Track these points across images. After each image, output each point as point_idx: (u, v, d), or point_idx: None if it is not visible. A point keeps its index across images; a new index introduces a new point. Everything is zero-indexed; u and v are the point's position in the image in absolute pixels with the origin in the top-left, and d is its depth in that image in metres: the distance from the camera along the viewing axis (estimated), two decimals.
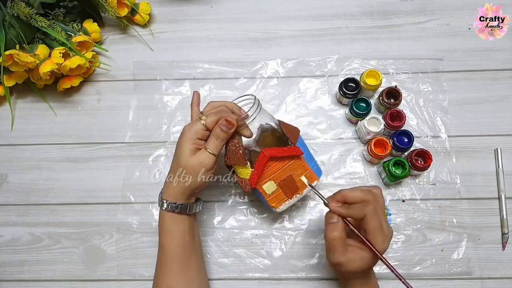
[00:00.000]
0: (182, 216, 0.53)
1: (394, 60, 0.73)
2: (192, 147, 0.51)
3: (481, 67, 0.72)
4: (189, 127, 0.52)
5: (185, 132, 0.51)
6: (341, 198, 0.49)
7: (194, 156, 0.50)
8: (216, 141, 0.51)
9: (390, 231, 0.48)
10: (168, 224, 0.52)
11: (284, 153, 0.53)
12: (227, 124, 0.50)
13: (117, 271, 0.64)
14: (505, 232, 0.63)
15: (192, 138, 0.51)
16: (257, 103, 0.54)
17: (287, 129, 0.57)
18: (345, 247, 0.48)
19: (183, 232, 0.53)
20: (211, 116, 0.51)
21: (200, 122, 0.51)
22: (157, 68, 0.75)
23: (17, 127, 0.73)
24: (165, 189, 0.53)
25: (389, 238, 0.48)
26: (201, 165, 0.50)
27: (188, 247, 0.53)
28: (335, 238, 0.47)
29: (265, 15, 0.78)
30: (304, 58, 0.74)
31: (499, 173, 0.65)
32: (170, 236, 0.52)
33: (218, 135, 0.51)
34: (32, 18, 0.66)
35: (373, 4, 0.78)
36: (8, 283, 0.65)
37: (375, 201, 0.48)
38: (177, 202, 0.52)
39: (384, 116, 0.65)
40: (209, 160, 0.51)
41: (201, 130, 0.51)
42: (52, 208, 0.68)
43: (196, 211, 0.55)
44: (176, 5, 0.80)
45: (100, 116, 0.73)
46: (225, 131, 0.51)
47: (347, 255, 0.47)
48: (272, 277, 0.63)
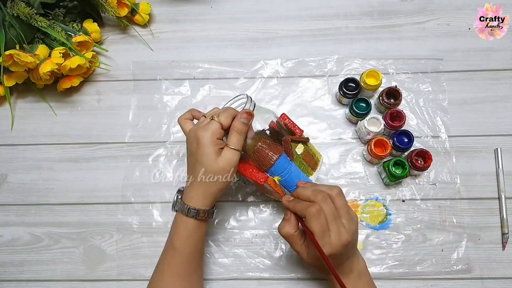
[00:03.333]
0: (204, 223, 0.53)
1: (394, 60, 0.73)
2: (215, 149, 0.49)
3: (481, 67, 0.72)
4: (204, 129, 0.49)
5: (202, 135, 0.49)
6: (295, 194, 0.51)
7: (221, 157, 0.49)
8: (239, 135, 0.50)
9: (341, 239, 0.46)
10: (189, 231, 0.51)
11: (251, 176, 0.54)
12: (247, 115, 0.50)
13: (117, 271, 0.64)
14: (505, 232, 0.63)
15: (213, 141, 0.49)
16: (250, 101, 0.53)
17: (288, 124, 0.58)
18: (297, 241, 0.49)
19: (201, 237, 0.53)
20: (222, 114, 0.50)
21: (215, 122, 0.49)
22: (157, 68, 0.75)
23: (17, 127, 0.73)
24: (188, 196, 0.52)
25: (336, 244, 0.46)
26: (230, 164, 0.49)
27: (200, 252, 0.54)
28: (283, 234, 0.50)
29: (265, 15, 0.78)
30: (304, 58, 0.74)
31: (499, 173, 0.65)
32: (187, 241, 0.52)
33: (240, 130, 0.50)
34: (32, 18, 0.66)
35: (373, 4, 0.78)
36: (8, 283, 0.65)
37: (323, 202, 0.47)
38: (204, 208, 0.51)
39: (384, 116, 0.65)
40: (237, 157, 0.50)
41: (218, 130, 0.49)
42: (52, 208, 0.68)
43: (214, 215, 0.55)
44: (176, 5, 0.80)
45: (100, 116, 0.73)
46: (246, 123, 0.50)
47: (302, 248, 0.49)
48: (272, 277, 0.63)
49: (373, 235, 0.64)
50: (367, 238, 0.64)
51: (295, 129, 0.58)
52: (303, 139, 0.57)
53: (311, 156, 0.57)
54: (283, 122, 0.58)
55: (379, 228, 0.64)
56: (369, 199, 0.66)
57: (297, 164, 0.55)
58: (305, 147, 0.57)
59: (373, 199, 0.66)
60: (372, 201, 0.65)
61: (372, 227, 0.64)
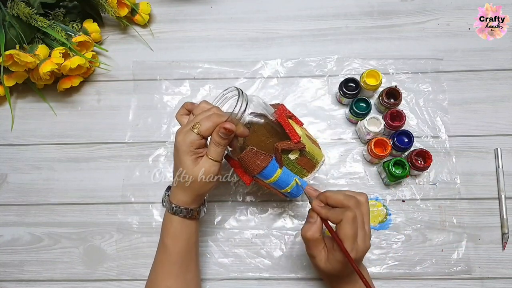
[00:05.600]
0: (191, 221, 0.52)
1: (394, 60, 0.73)
2: (192, 159, 0.49)
3: (481, 67, 0.72)
4: (182, 138, 0.48)
5: (181, 145, 0.48)
6: (324, 199, 0.49)
7: (198, 166, 0.49)
8: (217, 148, 0.49)
9: (366, 245, 0.47)
10: (175, 228, 0.52)
11: None
12: (225, 132, 0.48)
13: (117, 271, 0.64)
14: (505, 232, 0.63)
15: (190, 150, 0.48)
16: (242, 95, 0.50)
17: None
18: (318, 246, 0.48)
19: (190, 235, 0.53)
20: (204, 122, 0.48)
21: (193, 133, 0.48)
22: (157, 68, 0.75)
23: (17, 127, 0.73)
24: (174, 194, 0.52)
25: (361, 250, 0.47)
26: (207, 173, 0.49)
27: (192, 249, 0.54)
28: (307, 237, 0.48)
29: (265, 15, 0.78)
30: (304, 58, 0.74)
31: (499, 173, 0.65)
32: (176, 238, 0.52)
33: (218, 143, 0.49)
34: (32, 18, 0.66)
35: (373, 4, 0.78)
36: (8, 283, 0.65)
37: (356, 207, 0.47)
38: (188, 207, 0.51)
39: (384, 116, 0.65)
40: (214, 167, 0.49)
41: (197, 141, 0.48)
42: (52, 208, 0.68)
43: (203, 214, 0.55)
44: (176, 5, 0.80)
45: (100, 116, 0.73)
46: (224, 138, 0.48)
47: (321, 253, 0.48)
48: (272, 277, 0.63)
49: (373, 235, 0.64)
50: None
51: (292, 135, 0.53)
52: (297, 147, 0.52)
53: (308, 159, 0.55)
54: (279, 123, 0.54)
55: (379, 228, 0.64)
56: (369, 199, 0.65)
57: (290, 168, 0.53)
58: (301, 152, 0.54)
59: (373, 199, 0.66)
60: (372, 201, 0.65)
61: (372, 227, 0.64)
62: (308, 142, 0.55)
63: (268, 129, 0.53)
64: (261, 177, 0.53)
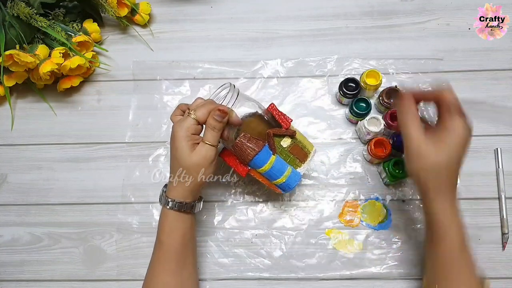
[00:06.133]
0: (186, 215, 0.53)
1: (394, 60, 0.73)
2: (189, 144, 0.50)
3: (481, 67, 0.72)
4: (179, 125, 0.50)
5: (177, 131, 0.50)
6: None
7: (195, 152, 0.50)
8: (213, 131, 0.50)
9: None
10: (171, 223, 0.52)
11: None
12: (220, 113, 0.50)
13: (117, 271, 0.64)
14: (505, 232, 0.63)
15: (187, 135, 0.50)
16: (233, 89, 0.53)
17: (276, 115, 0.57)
18: (421, 135, 0.49)
19: (185, 230, 0.53)
20: (199, 109, 0.50)
21: (190, 117, 0.50)
22: (157, 68, 0.75)
23: (17, 127, 0.73)
24: (171, 188, 0.52)
25: None
26: (205, 159, 0.50)
27: (188, 245, 0.54)
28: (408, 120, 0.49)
29: (265, 15, 0.78)
30: (304, 58, 0.74)
31: (499, 173, 0.65)
32: (171, 234, 0.52)
33: (214, 126, 0.50)
34: (32, 18, 0.66)
35: (373, 4, 0.78)
36: (8, 283, 0.65)
37: None
38: (183, 200, 0.52)
39: (384, 116, 0.65)
40: (211, 152, 0.50)
41: (193, 125, 0.50)
42: (52, 208, 0.68)
43: (199, 209, 0.55)
44: (176, 5, 0.80)
45: (100, 116, 0.73)
46: (220, 120, 0.50)
47: (424, 145, 0.48)
48: (272, 277, 0.63)
49: (373, 235, 0.64)
50: (367, 238, 0.64)
51: (282, 121, 0.56)
52: (289, 132, 0.56)
53: (300, 148, 0.57)
54: (270, 114, 0.57)
55: (379, 228, 0.64)
56: (369, 199, 0.66)
57: (283, 157, 0.55)
58: (292, 140, 0.56)
59: (373, 199, 0.66)
60: (372, 201, 0.65)
61: (372, 227, 0.64)
62: (298, 131, 0.58)
63: (260, 119, 0.56)
64: (256, 165, 0.54)
